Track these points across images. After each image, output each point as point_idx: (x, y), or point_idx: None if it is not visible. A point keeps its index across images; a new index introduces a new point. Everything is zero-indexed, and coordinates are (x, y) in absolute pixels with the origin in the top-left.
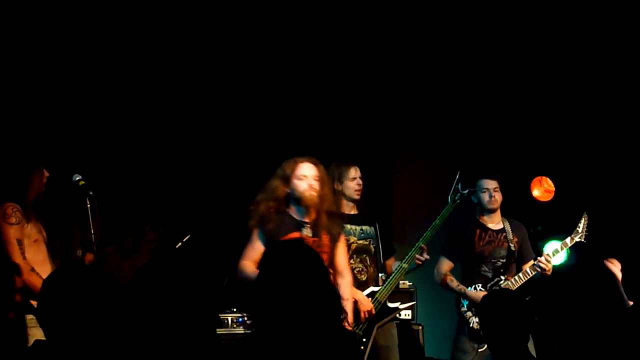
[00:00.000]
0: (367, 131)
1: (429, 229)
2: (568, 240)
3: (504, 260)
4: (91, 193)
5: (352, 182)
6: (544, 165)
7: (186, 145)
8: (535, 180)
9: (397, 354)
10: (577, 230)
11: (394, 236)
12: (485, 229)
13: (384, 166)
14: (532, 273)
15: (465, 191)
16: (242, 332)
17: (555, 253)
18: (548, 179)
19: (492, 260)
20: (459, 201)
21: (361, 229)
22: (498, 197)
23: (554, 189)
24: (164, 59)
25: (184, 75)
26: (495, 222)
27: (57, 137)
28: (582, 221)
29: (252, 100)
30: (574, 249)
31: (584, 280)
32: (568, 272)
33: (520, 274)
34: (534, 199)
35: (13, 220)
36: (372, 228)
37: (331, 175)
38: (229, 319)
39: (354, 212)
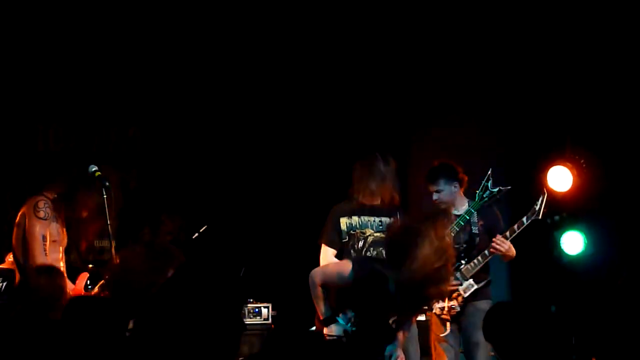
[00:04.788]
0: (381, 119)
1: (453, 224)
2: (524, 219)
3: (466, 245)
4: (107, 184)
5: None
6: (559, 153)
7: (202, 135)
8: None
9: (415, 343)
10: (535, 208)
11: None
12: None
13: (398, 155)
14: (489, 255)
15: (495, 189)
16: (259, 322)
17: (512, 233)
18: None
19: (455, 246)
20: (486, 199)
21: (380, 221)
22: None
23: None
24: (184, 53)
25: (200, 70)
26: (458, 207)
27: (75, 127)
28: (540, 199)
29: (267, 92)
30: (592, 238)
31: (606, 272)
32: (588, 263)
33: (479, 257)
34: (549, 189)
35: (42, 214)
36: (392, 220)
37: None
38: (245, 310)
39: (376, 202)
